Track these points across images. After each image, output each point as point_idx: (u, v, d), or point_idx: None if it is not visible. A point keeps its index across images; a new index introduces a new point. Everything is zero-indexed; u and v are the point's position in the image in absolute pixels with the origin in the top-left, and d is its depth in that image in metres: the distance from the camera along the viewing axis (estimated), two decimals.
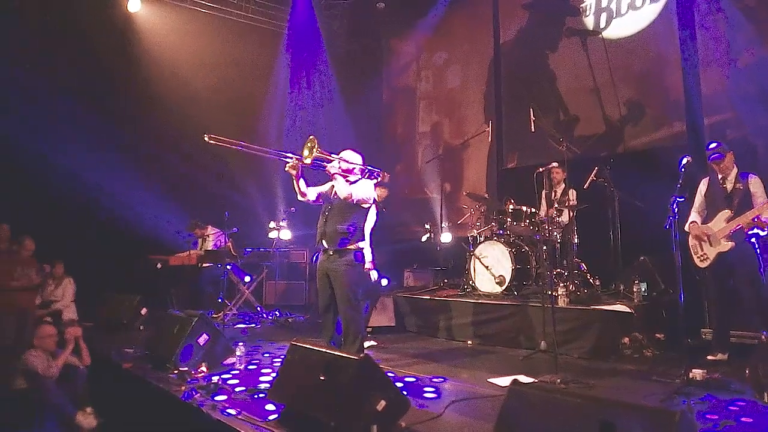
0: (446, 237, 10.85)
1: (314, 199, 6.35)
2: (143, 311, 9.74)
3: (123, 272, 10.66)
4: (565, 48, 11.08)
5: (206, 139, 5.93)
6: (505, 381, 5.73)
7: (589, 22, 10.64)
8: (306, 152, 5.89)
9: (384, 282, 8.87)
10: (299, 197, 6.31)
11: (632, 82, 10.10)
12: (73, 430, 6.14)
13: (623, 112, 10.08)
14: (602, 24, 10.44)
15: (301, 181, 6.20)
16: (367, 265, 7.18)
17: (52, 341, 6.69)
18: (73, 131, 10.43)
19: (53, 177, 10.14)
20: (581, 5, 10.76)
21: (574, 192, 8.83)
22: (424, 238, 11.07)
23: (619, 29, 10.21)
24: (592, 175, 8.75)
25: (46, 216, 10.08)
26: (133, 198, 11.31)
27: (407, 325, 9.37)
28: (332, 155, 6.16)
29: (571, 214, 8.60)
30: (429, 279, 10.84)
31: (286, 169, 6.04)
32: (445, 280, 10.42)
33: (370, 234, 7.25)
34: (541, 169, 7.72)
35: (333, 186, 6.23)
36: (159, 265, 10.62)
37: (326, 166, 6.11)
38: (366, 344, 6.98)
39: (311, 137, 5.94)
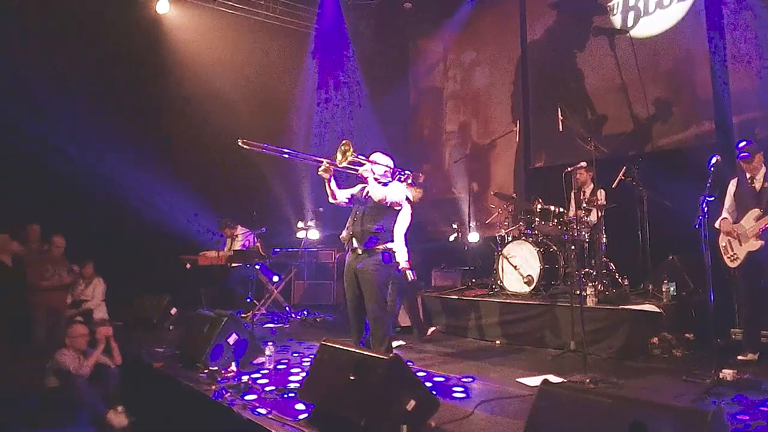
0: (474, 236, 10.82)
1: (346, 201, 6.38)
2: (173, 311, 9.86)
3: (153, 272, 10.71)
4: (592, 47, 11.01)
5: (240, 144, 5.98)
6: (534, 381, 5.74)
7: (617, 20, 10.57)
8: (339, 156, 5.89)
9: None
10: (330, 199, 6.35)
11: (660, 81, 10.02)
12: (105, 428, 6.20)
13: (651, 111, 10.01)
14: (630, 23, 10.37)
15: (333, 183, 6.23)
16: (403, 264, 7.21)
17: (84, 340, 6.73)
18: (102, 133, 10.50)
19: (83, 178, 10.25)
20: (609, 4, 10.69)
21: (603, 191, 8.75)
22: (451, 238, 11.05)
23: (646, 28, 10.13)
24: (620, 175, 8.71)
25: (75, 216, 10.15)
26: (162, 198, 11.45)
27: (436, 324, 9.35)
28: (360, 157, 6.18)
29: (600, 213, 8.54)
30: (457, 278, 10.81)
31: (319, 172, 6.08)
32: (473, 280, 10.38)
33: (405, 234, 7.27)
34: (569, 169, 7.75)
35: (364, 188, 6.26)
36: (188, 266, 10.70)
37: (358, 170, 6.13)
38: (395, 344, 6.99)
39: (345, 141, 5.94)
